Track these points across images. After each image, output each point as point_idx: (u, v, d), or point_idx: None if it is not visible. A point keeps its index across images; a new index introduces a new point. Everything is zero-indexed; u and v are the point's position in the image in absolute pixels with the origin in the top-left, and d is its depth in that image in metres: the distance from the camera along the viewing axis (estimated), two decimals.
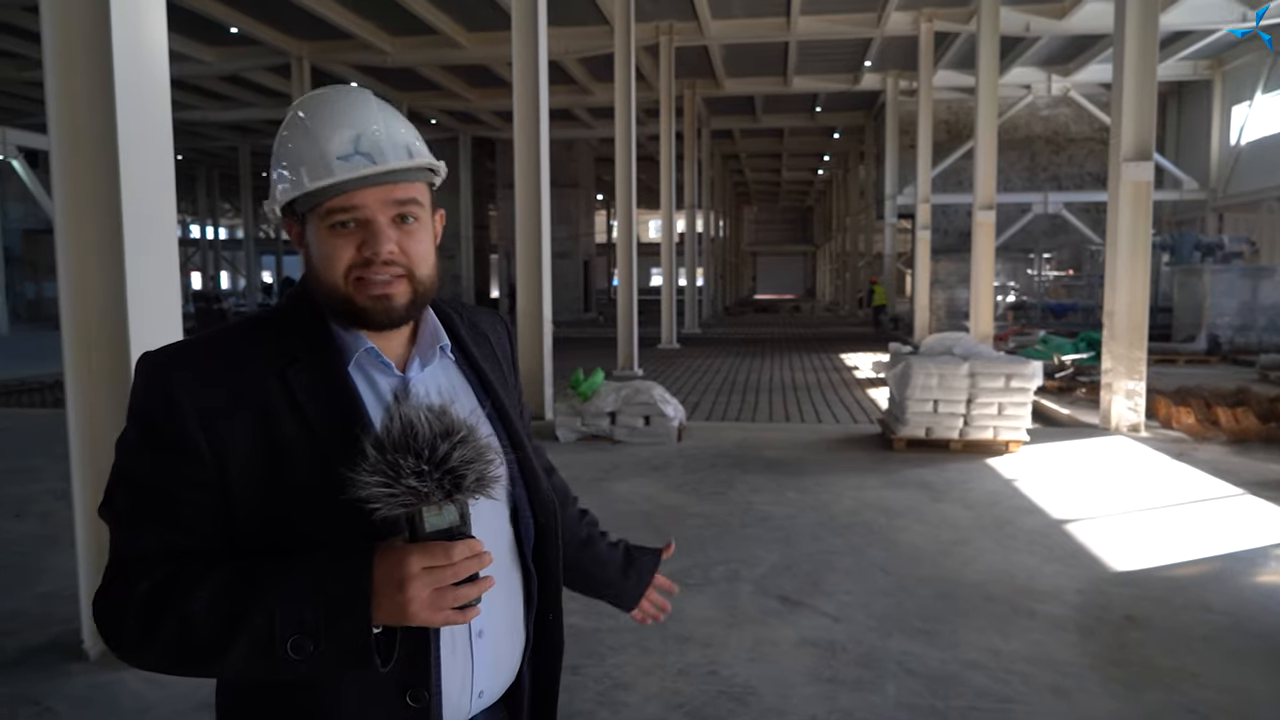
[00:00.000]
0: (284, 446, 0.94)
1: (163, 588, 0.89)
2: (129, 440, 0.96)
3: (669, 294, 17.86)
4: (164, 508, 0.93)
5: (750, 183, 44.77)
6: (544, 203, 8.37)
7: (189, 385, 0.94)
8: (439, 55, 17.88)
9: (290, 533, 0.94)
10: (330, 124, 0.98)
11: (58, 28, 3.07)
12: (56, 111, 3.09)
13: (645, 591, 1.40)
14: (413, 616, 0.86)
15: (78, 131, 3.10)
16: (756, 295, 55.83)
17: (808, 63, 19.74)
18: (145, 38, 3.17)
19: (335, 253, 0.98)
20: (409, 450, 0.86)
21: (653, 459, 6.64)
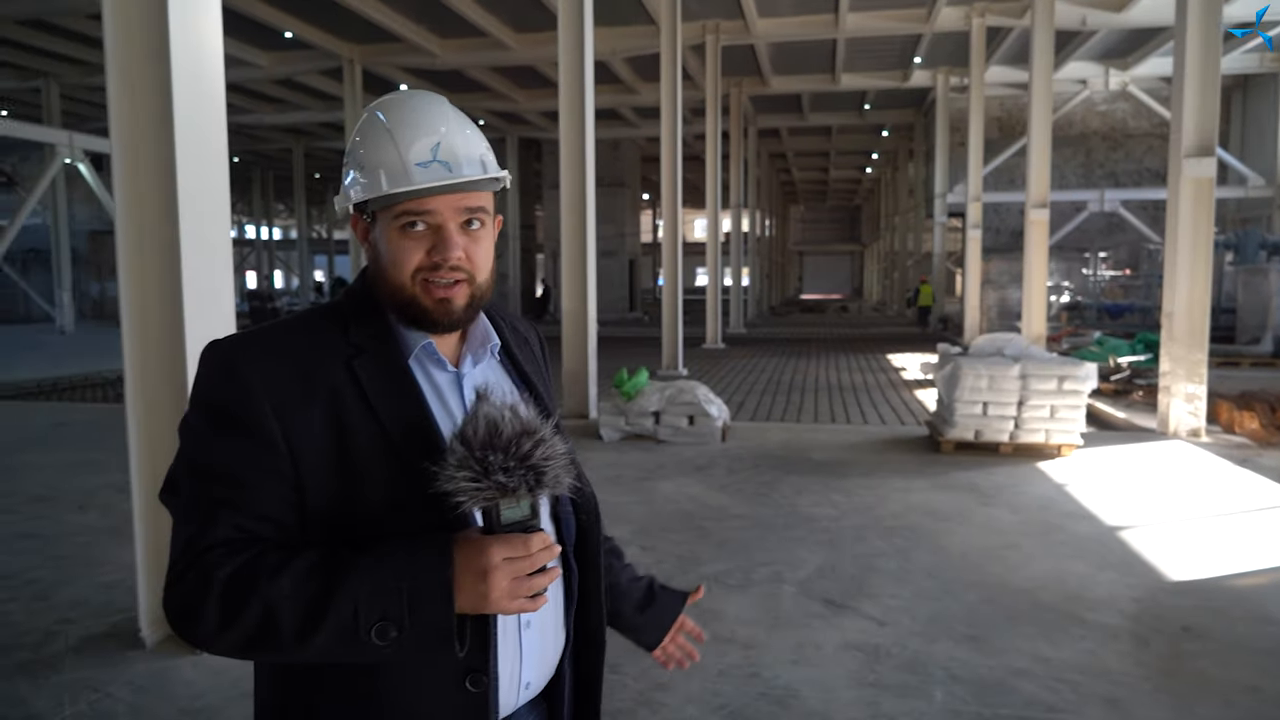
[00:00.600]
0: (352, 437, 0.97)
1: (243, 574, 0.90)
2: (198, 427, 0.97)
3: (714, 293, 17.81)
4: (239, 494, 0.94)
5: (797, 181, 44.40)
6: (589, 202, 8.40)
7: (263, 374, 0.97)
8: (487, 57, 18.06)
9: (356, 523, 0.96)
10: (411, 130, 1.02)
11: (119, 36, 3.17)
12: (117, 116, 3.19)
13: (668, 634, 1.33)
14: (492, 604, 0.89)
15: (137, 135, 3.19)
16: (803, 295, 55.37)
17: (856, 60, 19.51)
18: (202, 46, 3.26)
19: (404, 254, 1.01)
20: (495, 447, 0.90)
21: (696, 459, 6.63)
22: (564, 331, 8.45)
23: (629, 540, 4.57)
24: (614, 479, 6.00)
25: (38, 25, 15.86)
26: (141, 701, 2.93)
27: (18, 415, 9.30)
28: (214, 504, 0.94)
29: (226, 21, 11.40)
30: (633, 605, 1.32)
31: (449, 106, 1.07)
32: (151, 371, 3.31)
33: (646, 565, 4.17)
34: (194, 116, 3.20)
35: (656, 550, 4.42)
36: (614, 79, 20.27)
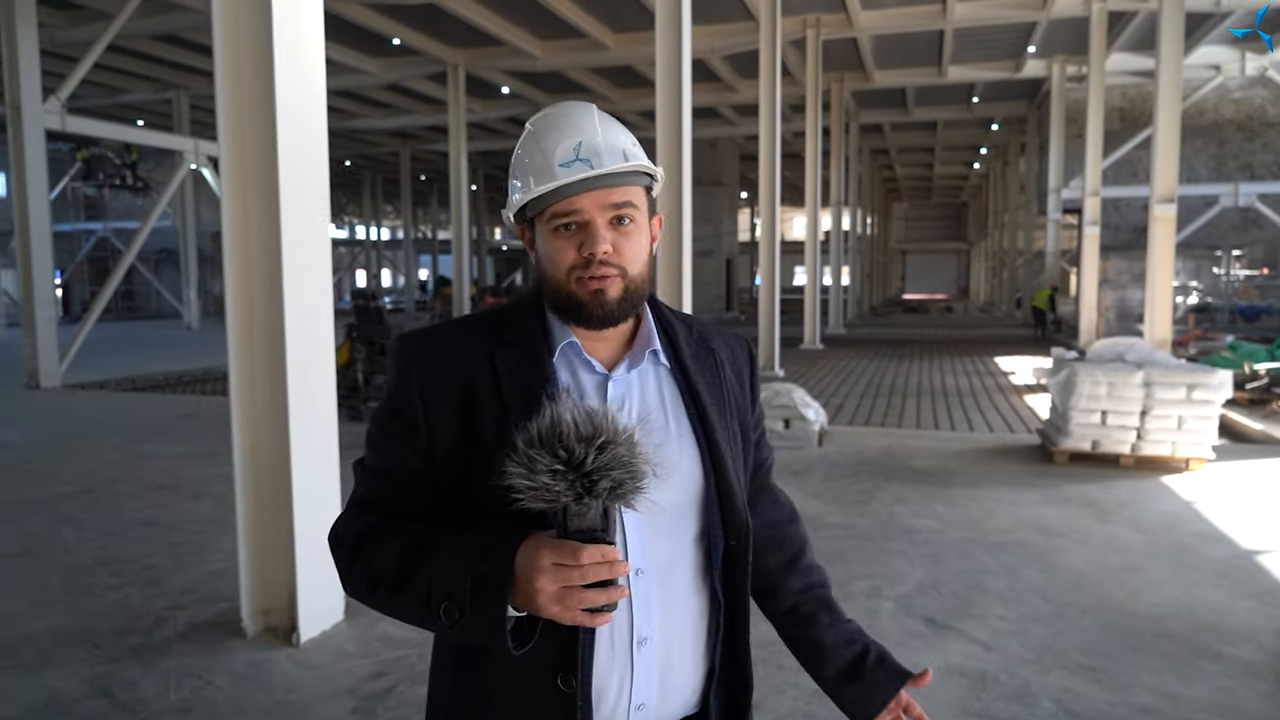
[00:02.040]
0: (480, 424, 1.02)
1: (369, 533, 1.03)
2: (378, 408, 1.11)
3: (813, 293, 17.46)
4: (388, 467, 1.06)
5: (900, 178, 43.16)
6: (685, 201, 8.30)
7: (418, 359, 1.07)
8: (586, 58, 18.19)
9: (468, 504, 1.02)
10: (555, 134, 1.06)
11: (228, 50, 3.27)
12: (226, 124, 3.30)
13: (880, 716, 1.17)
14: (541, 608, 0.89)
15: (244, 142, 3.29)
16: (905, 295, 53.80)
17: (965, 51, 18.76)
18: (303, 58, 3.34)
19: (559, 254, 1.05)
20: (550, 447, 0.89)
21: (792, 464, 6.46)
22: None
23: None
24: None
25: (171, 40, 16.87)
26: (240, 691, 3.01)
27: (147, 406, 9.88)
28: (372, 473, 1.08)
29: (340, 30, 11.82)
30: (836, 671, 1.19)
31: (594, 110, 1.10)
32: (255, 365, 3.40)
33: None
34: (296, 124, 3.28)
35: None
36: (712, 77, 20.12)
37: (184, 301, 23.41)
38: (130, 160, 22.92)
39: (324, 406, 3.54)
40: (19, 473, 6.42)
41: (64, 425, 8.53)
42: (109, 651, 3.32)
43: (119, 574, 4.18)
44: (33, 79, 10.80)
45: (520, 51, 17.72)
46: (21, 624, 3.61)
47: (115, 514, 5.24)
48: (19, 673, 3.16)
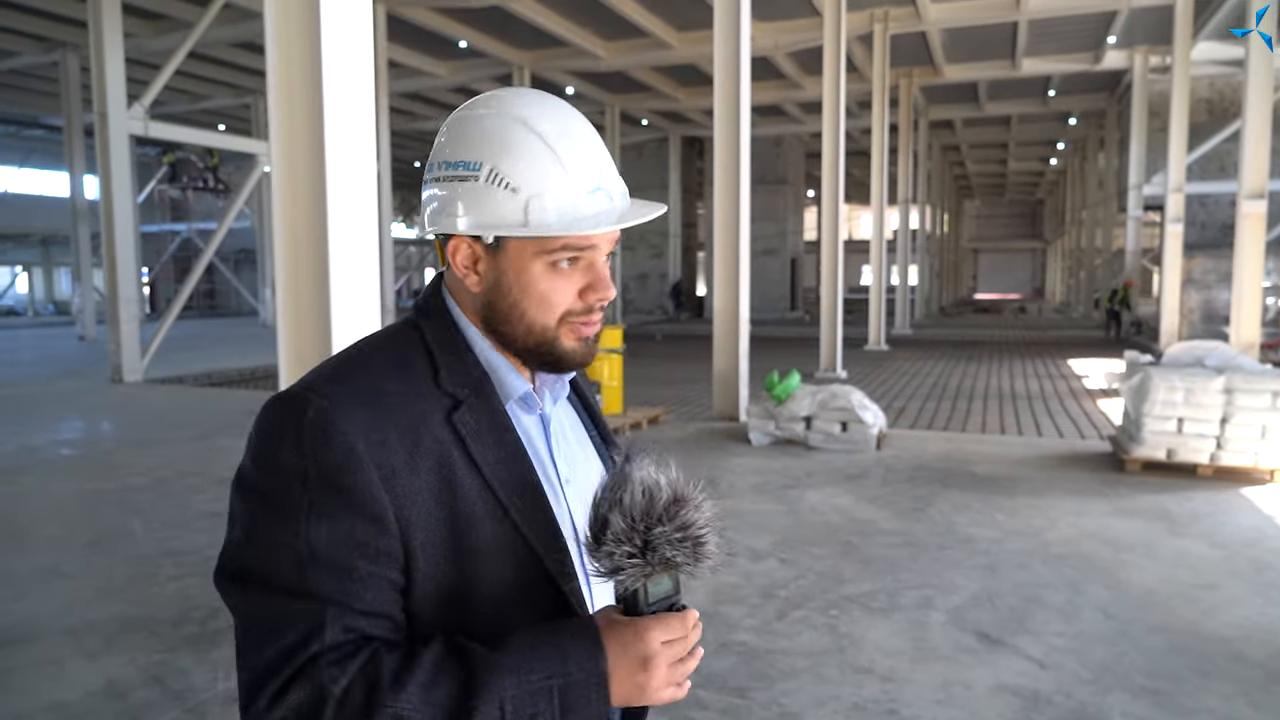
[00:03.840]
0: (465, 504, 0.83)
1: (364, 685, 0.74)
2: (288, 502, 0.78)
3: (878, 293, 17.12)
4: (347, 587, 0.77)
5: (972, 175, 42.04)
6: (743, 200, 8.22)
7: (366, 434, 0.80)
8: (649, 57, 18.20)
9: (469, 609, 0.83)
10: (570, 145, 0.86)
11: (280, 56, 3.35)
12: (278, 127, 3.37)
13: None
14: (652, 694, 0.80)
15: (294, 143, 3.36)
16: (977, 295, 52.40)
17: (1040, 43, 18.15)
18: (351, 63, 3.39)
19: (555, 294, 0.87)
20: (656, 517, 0.79)
21: (848, 468, 6.32)
22: (715, 331, 8.33)
23: (768, 552, 4.39)
24: (759, 486, 5.81)
25: (248, 47, 17.44)
26: None
27: (221, 401, 10.24)
28: (318, 601, 0.76)
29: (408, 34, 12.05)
30: None
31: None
32: (303, 360, 3.47)
33: (784, 580, 3.99)
34: (343, 129, 3.33)
35: (796, 564, 4.21)
36: (777, 74, 19.91)
37: (260, 299, 24.22)
38: (212, 164, 23.79)
39: None
40: (97, 464, 6.70)
41: (142, 419, 8.89)
42: (165, 640, 3.43)
43: (181, 564, 4.32)
44: (119, 87, 11.28)
45: (585, 52, 17.82)
46: (88, 611, 3.75)
47: (182, 505, 5.43)
48: (82, 658, 3.28)
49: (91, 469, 6.52)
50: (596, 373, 7.71)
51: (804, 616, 3.56)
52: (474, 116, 0.88)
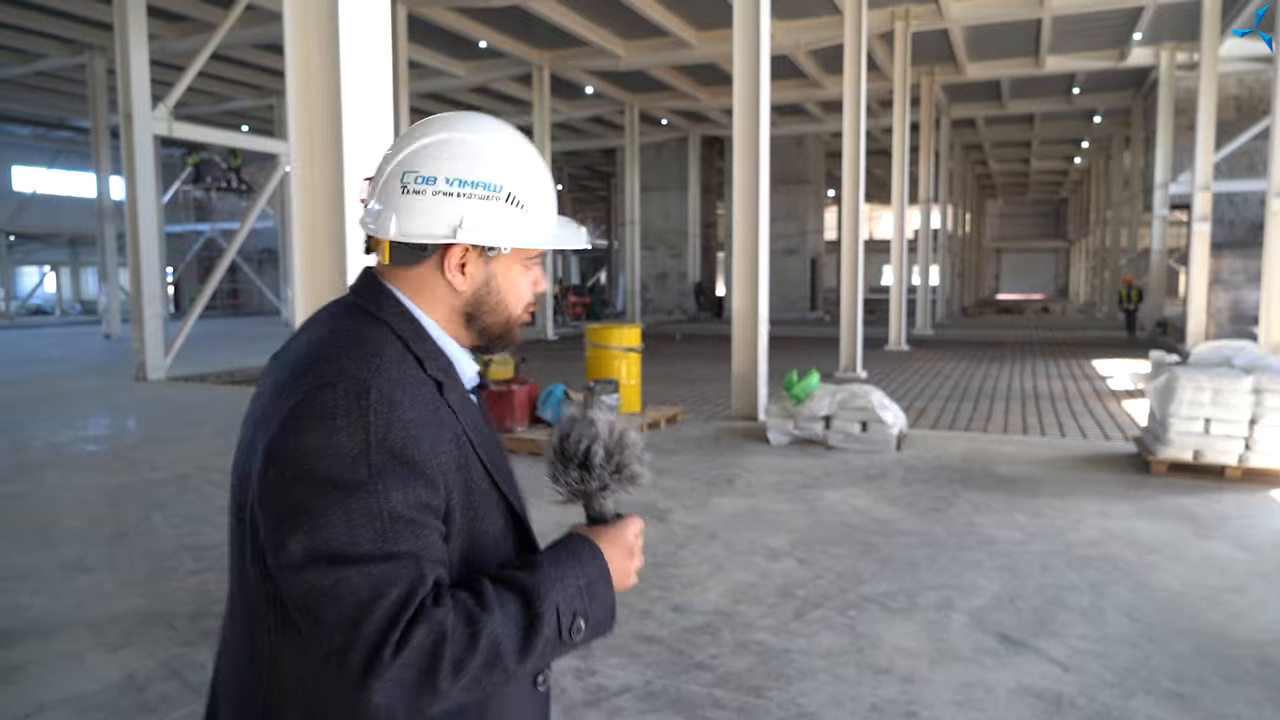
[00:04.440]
0: (473, 470, 1.00)
1: (460, 616, 0.88)
2: (356, 479, 0.87)
3: (898, 293, 17.01)
4: (421, 541, 0.90)
5: (995, 174, 41.66)
6: (763, 200, 8.18)
7: (414, 410, 0.94)
8: (669, 56, 18.17)
9: (474, 555, 0.99)
10: (542, 166, 1.08)
11: (299, 59, 3.36)
12: (296, 126, 3.38)
13: None
14: (630, 577, 1.04)
15: (313, 139, 3.37)
16: (999, 295, 51.94)
17: (1064, 40, 17.95)
18: (369, 63, 3.39)
19: (522, 289, 1.08)
20: (622, 449, 1.04)
21: (868, 468, 6.27)
22: (734, 331, 8.30)
23: (785, 552, 4.36)
24: (777, 485, 5.77)
25: (270, 48, 17.59)
26: None
27: (241, 399, 10.32)
28: (409, 558, 0.88)
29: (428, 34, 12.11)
30: None
31: None
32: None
33: (802, 580, 3.95)
34: (362, 129, 3.33)
35: (814, 565, 4.17)
36: (798, 73, 19.80)
37: (283, 298, 24.43)
38: (235, 165, 24.03)
39: None
40: (120, 460, 6.77)
41: (165, 416, 8.98)
42: (184, 634, 3.45)
43: (200, 559, 4.35)
44: (143, 88, 11.40)
45: (604, 51, 17.82)
46: (110, 604, 3.78)
47: (202, 500, 5.47)
48: (104, 651, 3.31)
49: (115, 464, 6.59)
50: (615, 371, 7.71)
51: (822, 616, 3.52)
52: (478, 140, 1.02)
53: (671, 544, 4.49)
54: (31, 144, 30.13)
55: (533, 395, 7.19)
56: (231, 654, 1.03)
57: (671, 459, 6.61)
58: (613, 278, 39.43)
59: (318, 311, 1.06)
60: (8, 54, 17.92)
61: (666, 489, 5.68)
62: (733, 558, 4.27)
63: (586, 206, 51.14)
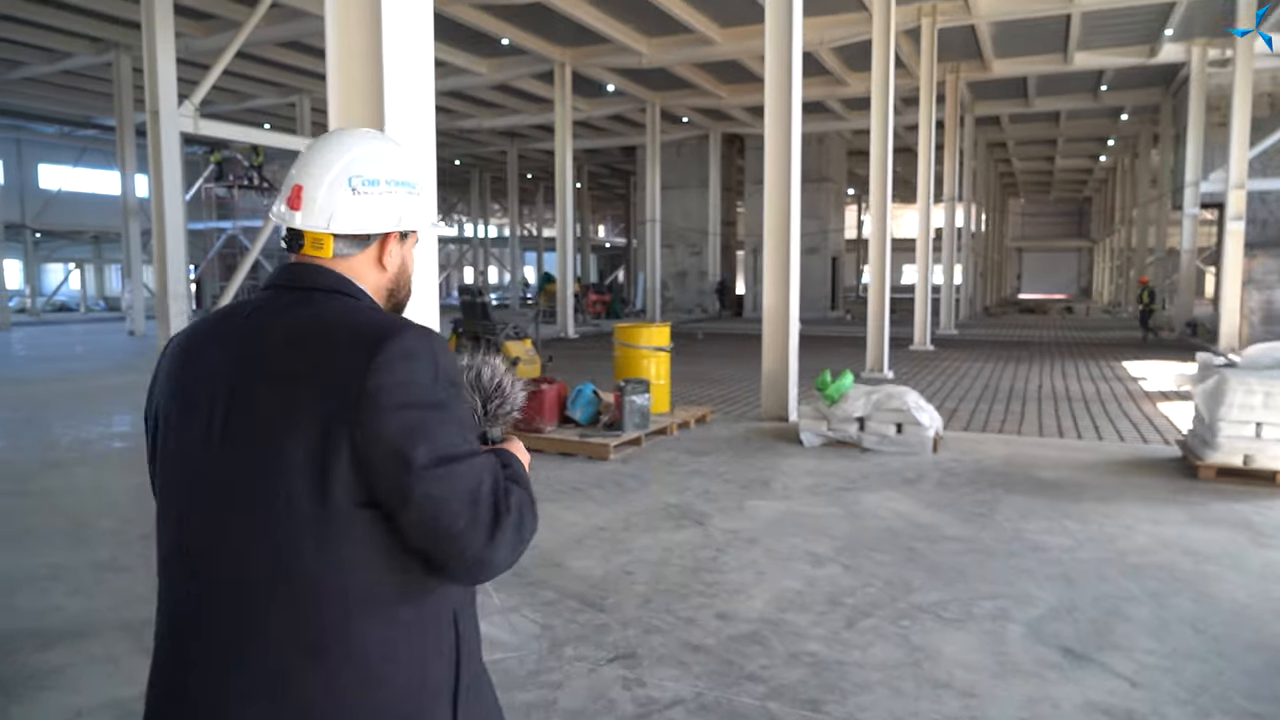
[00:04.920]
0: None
1: (521, 490, 1.18)
2: (446, 400, 1.13)
3: (923, 292, 16.81)
4: (476, 440, 1.20)
5: (1018, 172, 41.22)
6: (794, 198, 8.07)
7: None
8: (692, 54, 18.04)
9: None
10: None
11: (339, 50, 3.28)
12: (337, 116, 3.30)
13: None
14: (528, 471, 1.29)
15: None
16: (1021, 294, 51.43)
17: (1093, 36, 17.67)
18: (412, 59, 3.32)
19: (412, 263, 1.34)
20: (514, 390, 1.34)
21: (904, 471, 6.14)
22: (764, 330, 8.18)
23: (830, 558, 4.25)
24: (813, 488, 5.66)
25: (294, 46, 17.63)
26: None
27: None
28: (480, 452, 1.16)
29: (450, 32, 12.02)
30: None
31: None
32: None
33: (850, 588, 3.84)
34: (403, 124, 3.25)
35: (860, 571, 4.06)
36: (821, 70, 19.62)
37: None
38: (257, 163, 24.11)
39: None
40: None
41: None
42: None
43: None
44: (170, 85, 11.40)
45: (626, 49, 17.72)
46: (145, 606, 3.72)
47: None
48: (141, 655, 3.25)
49: (144, 462, 6.54)
50: (644, 371, 7.61)
51: (874, 626, 3.41)
52: (396, 147, 1.28)
53: (711, 549, 4.39)
54: (57, 142, 30.40)
55: (562, 394, 7.11)
56: (269, 644, 1.08)
57: (704, 460, 6.51)
58: (631, 276, 39.33)
59: (274, 298, 1.19)
60: (35, 52, 18.04)
61: (701, 491, 5.58)
62: (775, 563, 4.16)
63: (605, 205, 51.07)
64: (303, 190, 1.19)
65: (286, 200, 1.21)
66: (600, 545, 4.47)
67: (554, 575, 4.01)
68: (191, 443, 1.14)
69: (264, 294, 1.20)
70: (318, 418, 1.05)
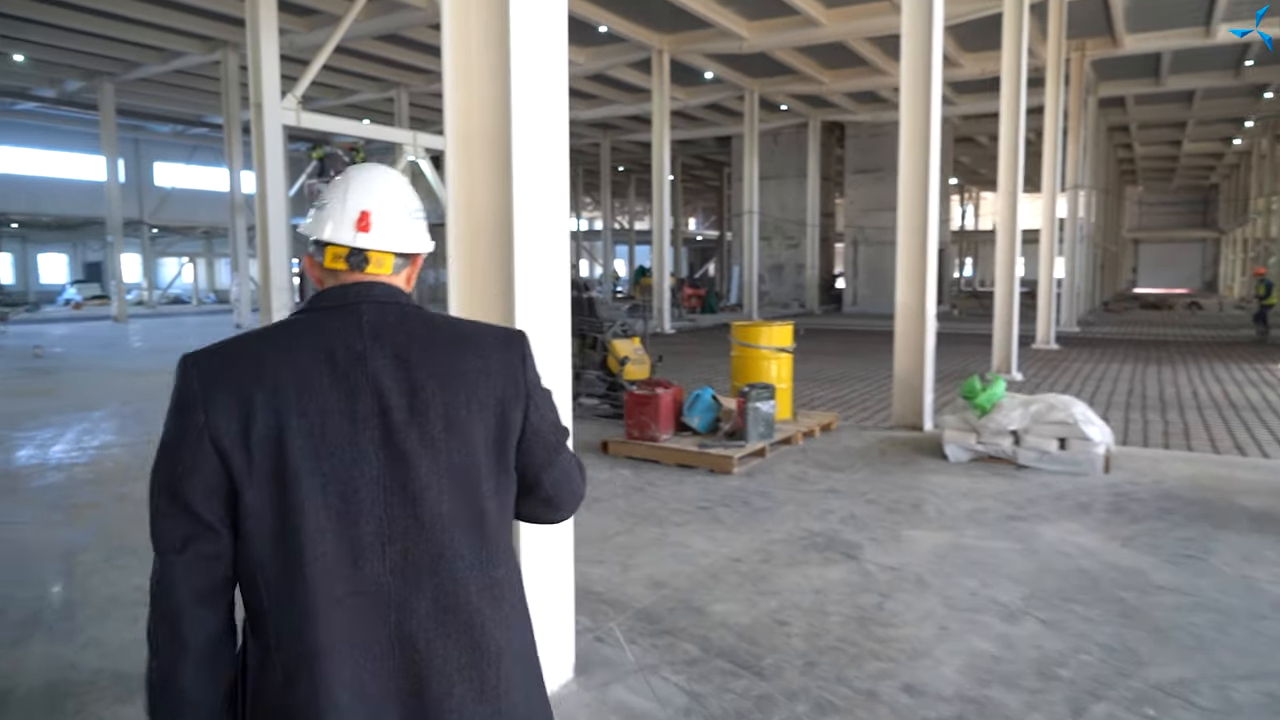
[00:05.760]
0: None
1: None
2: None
3: (1047, 286, 15.62)
4: None
5: (1138, 158, 38.63)
6: (932, 187, 7.30)
7: None
8: (795, 36, 17.21)
9: None
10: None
11: (455, 25, 2.77)
12: (453, 120, 2.81)
13: None
14: None
15: (471, 130, 2.78)
16: (1136, 289, 48.38)
17: (1243, 4, 16.04)
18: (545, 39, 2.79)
19: None
20: None
21: (1074, 495, 5.35)
22: (897, 330, 7.45)
23: (1021, 609, 3.55)
24: (975, 515, 4.93)
25: (392, 39, 17.60)
26: None
27: None
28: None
29: None
30: None
31: None
32: None
33: (1059, 654, 3.15)
34: (533, 112, 2.74)
35: (1065, 629, 3.35)
36: None
37: None
38: (358, 159, 24.41)
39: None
40: None
41: None
42: None
43: None
44: (273, 78, 11.36)
45: (727, 33, 17.03)
46: None
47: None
48: None
49: None
50: (765, 373, 6.98)
51: (1110, 715, 2.72)
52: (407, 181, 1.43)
53: (873, 592, 3.75)
54: (171, 141, 31.58)
55: (678, 399, 6.55)
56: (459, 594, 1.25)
57: (838, 477, 5.84)
58: (722, 269, 38.56)
59: (380, 311, 1.28)
60: (149, 52, 18.55)
61: (846, 516, 4.93)
62: (956, 615, 3.49)
63: (697, 197, 50.30)
64: (371, 214, 1.31)
65: (354, 224, 1.30)
66: (740, 583, 3.88)
67: (693, 623, 3.44)
68: (365, 439, 1.21)
69: (357, 307, 1.27)
70: (492, 404, 1.27)
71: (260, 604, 1.19)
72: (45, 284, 34.33)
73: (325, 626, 1.16)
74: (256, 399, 1.18)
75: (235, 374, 1.20)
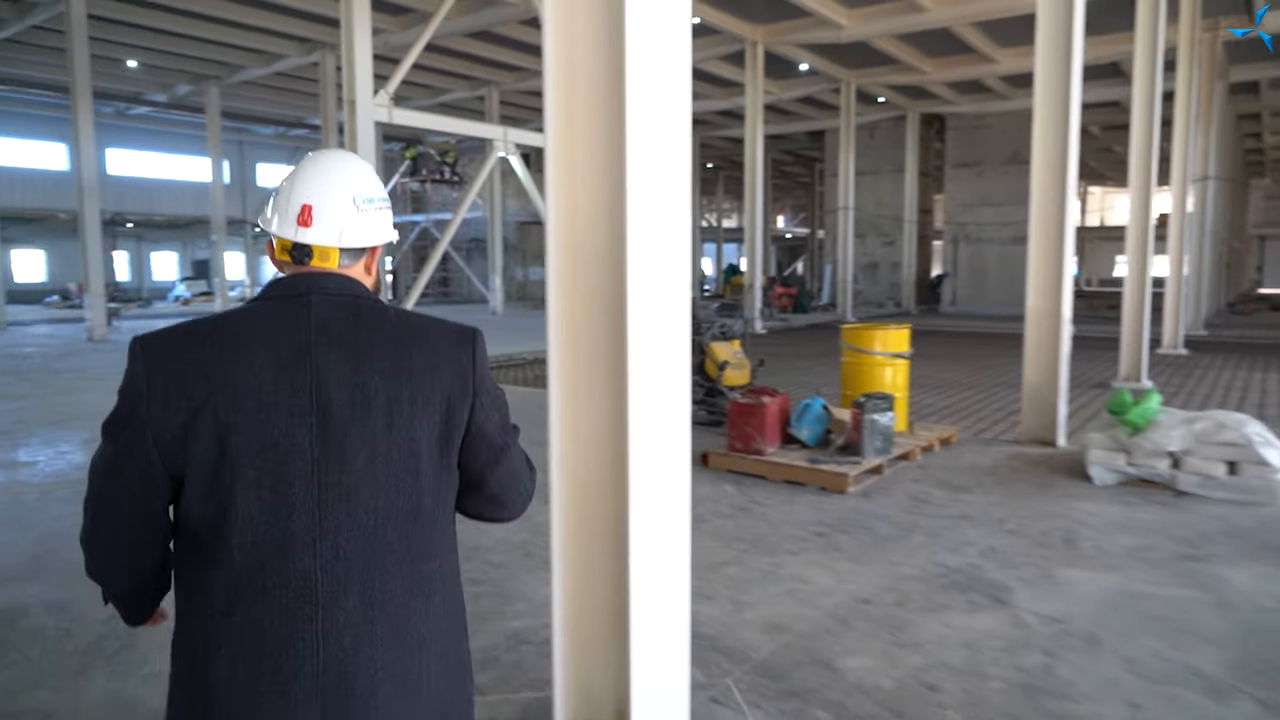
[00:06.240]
0: None
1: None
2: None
3: (1175, 284, 14.45)
4: None
5: (1267, 148, 35.85)
6: (1069, 181, 6.57)
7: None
8: (897, 23, 16.36)
9: None
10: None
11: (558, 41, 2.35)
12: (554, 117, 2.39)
13: None
14: None
15: (574, 130, 2.35)
16: (1261, 289, 45.01)
17: None
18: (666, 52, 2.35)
19: None
20: None
21: (1258, 530, 4.60)
22: (1027, 336, 6.74)
23: (1228, 683, 2.91)
24: (1140, 551, 4.26)
25: (483, 36, 17.50)
26: None
27: None
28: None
29: None
30: None
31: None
32: (580, 368, 2.48)
33: None
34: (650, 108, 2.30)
35: None
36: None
37: (489, 287, 24.78)
38: (450, 159, 24.63)
39: (677, 430, 2.51)
40: None
41: None
42: None
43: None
44: (366, 74, 11.30)
45: (825, 21, 16.30)
46: None
47: None
48: None
49: None
50: (880, 382, 6.38)
51: None
52: (371, 169, 1.40)
53: (1035, 650, 3.17)
54: (273, 143, 32.60)
55: (785, 409, 6.02)
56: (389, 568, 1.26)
57: (968, 499, 5.22)
58: (812, 267, 37.56)
59: (333, 304, 1.28)
60: (251, 55, 18.98)
61: (985, 548, 4.33)
62: (1146, 688, 2.89)
63: (785, 194, 49.19)
64: (312, 209, 1.30)
65: (295, 218, 1.29)
66: (874, 631, 3.35)
67: (824, 682, 2.94)
68: (301, 435, 1.21)
69: (307, 299, 1.26)
70: (438, 400, 1.28)
71: (190, 575, 1.23)
72: (157, 281, 35.95)
73: (248, 614, 1.18)
74: (197, 392, 1.19)
75: (179, 366, 1.21)
